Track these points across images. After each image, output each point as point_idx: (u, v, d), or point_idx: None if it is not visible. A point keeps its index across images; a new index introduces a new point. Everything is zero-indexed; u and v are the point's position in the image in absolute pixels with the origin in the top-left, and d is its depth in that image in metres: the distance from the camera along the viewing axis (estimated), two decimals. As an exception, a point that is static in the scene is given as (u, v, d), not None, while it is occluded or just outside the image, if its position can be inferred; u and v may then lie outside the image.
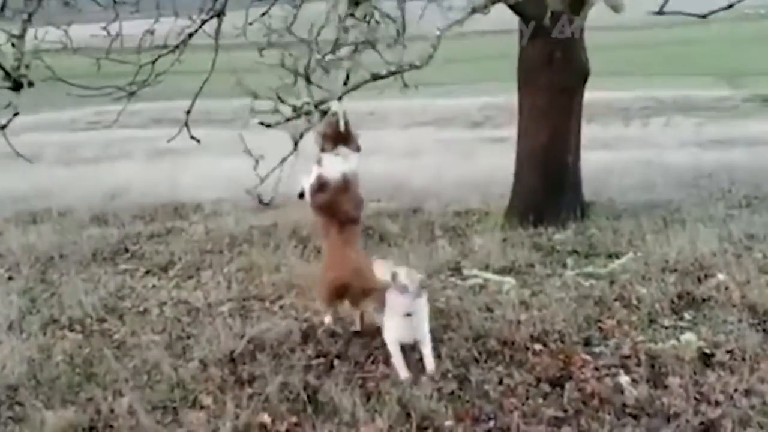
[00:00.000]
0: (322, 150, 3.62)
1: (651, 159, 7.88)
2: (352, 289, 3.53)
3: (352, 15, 2.97)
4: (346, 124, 3.51)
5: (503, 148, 7.69)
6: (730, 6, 3.07)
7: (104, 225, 6.25)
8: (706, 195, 6.25)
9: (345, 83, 3.14)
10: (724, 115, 14.13)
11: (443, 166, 7.78)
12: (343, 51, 2.99)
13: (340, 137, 3.57)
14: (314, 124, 3.22)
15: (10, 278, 4.92)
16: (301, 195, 3.83)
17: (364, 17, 2.95)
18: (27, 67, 2.75)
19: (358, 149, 3.67)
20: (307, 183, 3.73)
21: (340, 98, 3.07)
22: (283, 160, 3.42)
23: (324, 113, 3.19)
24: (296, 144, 3.33)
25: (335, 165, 3.61)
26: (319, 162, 3.66)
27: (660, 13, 2.93)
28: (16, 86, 2.71)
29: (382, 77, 2.87)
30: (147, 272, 4.92)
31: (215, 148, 8.91)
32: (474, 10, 2.85)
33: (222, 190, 6.84)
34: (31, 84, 2.77)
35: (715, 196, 6.22)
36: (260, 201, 3.47)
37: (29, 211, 6.80)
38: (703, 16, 3.16)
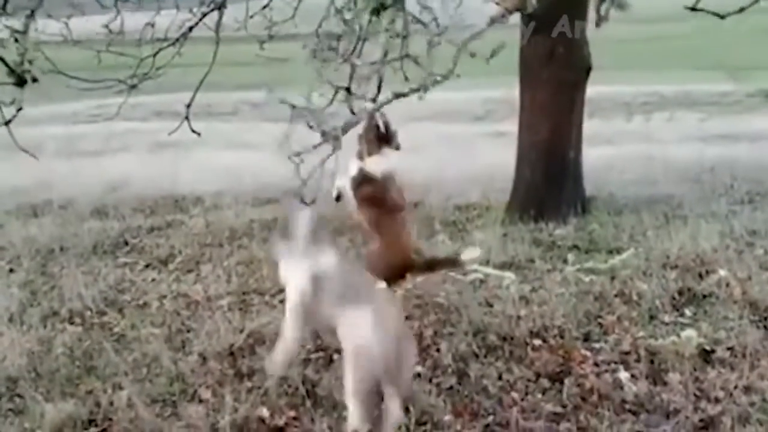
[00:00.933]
0: (369, 154, 3.72)
1: (653, 154, 7.84)
2: (414, 268, 3.69)
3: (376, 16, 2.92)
4: (386, 124, 3.69)
5: (504, 142, 7.65)
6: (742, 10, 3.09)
7: (105, 218, 6.24)
8: (708, 190, 6.21)
9: (378, 90, 3.17)
10: (727, 110, 14.07)
11: (444, 160, 7.75)
12: (376, 57, 2.95)
13: (382, 139, 3.71)
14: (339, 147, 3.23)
15: (11, 270, 4.92)
16: (338, 198, 3.88)
17: (392, 22, 2.90)
18: (30, 62, 2.74)
19: (398, 148, 3.77)
20: (345, 181, 3.79)
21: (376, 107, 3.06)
22: (323, 161, 3.46)
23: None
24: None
25: (378, 163, 3.71)
26: (360, 157, 3.75)
27: (693, 9, 2.97)
28: (20, 82, 2.71)
29: (404, 95, 2.85)
30: (147, 265, 4.92)
31: (216, 141, 8.91)
32: (493, 21, 2.83)
33: (222, 183, 6.83)
34: (35, 80, 2.77)
35: (717, 191, 6.18)
36: (303, 201, 3.52)
37: (30, 203, 6.79)
38: (722, 17, 3.18)
